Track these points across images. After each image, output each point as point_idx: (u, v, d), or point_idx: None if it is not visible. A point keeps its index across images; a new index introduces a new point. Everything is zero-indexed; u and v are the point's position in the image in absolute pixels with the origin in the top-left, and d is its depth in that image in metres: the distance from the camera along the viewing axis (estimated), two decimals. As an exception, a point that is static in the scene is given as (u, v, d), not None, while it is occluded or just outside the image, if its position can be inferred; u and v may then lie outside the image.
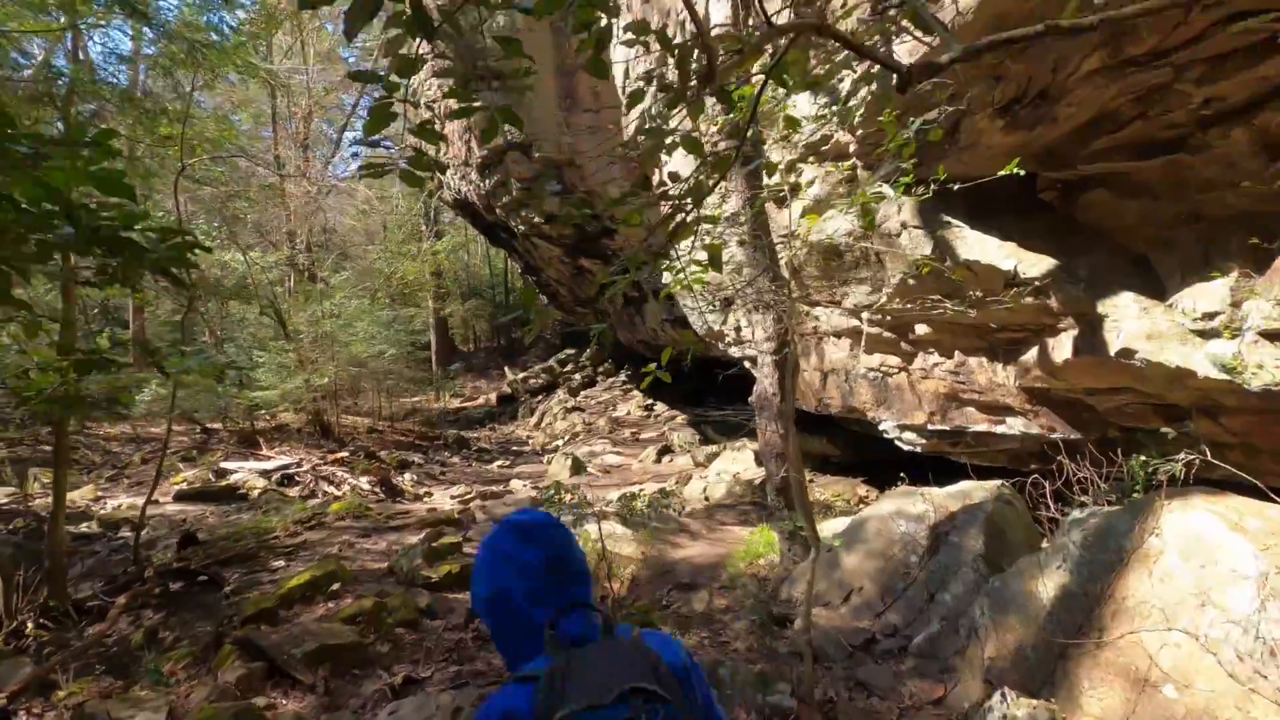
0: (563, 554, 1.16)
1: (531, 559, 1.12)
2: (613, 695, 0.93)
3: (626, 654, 1.03)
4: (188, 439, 17.76)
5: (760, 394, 4.52)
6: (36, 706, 3.73)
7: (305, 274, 16.36)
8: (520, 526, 1.17)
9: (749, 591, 4.51)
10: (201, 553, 7.80)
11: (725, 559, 5.38)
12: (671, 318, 11.29)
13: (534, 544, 1.14)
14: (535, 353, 29.66)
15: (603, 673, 0.98)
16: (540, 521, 1.19)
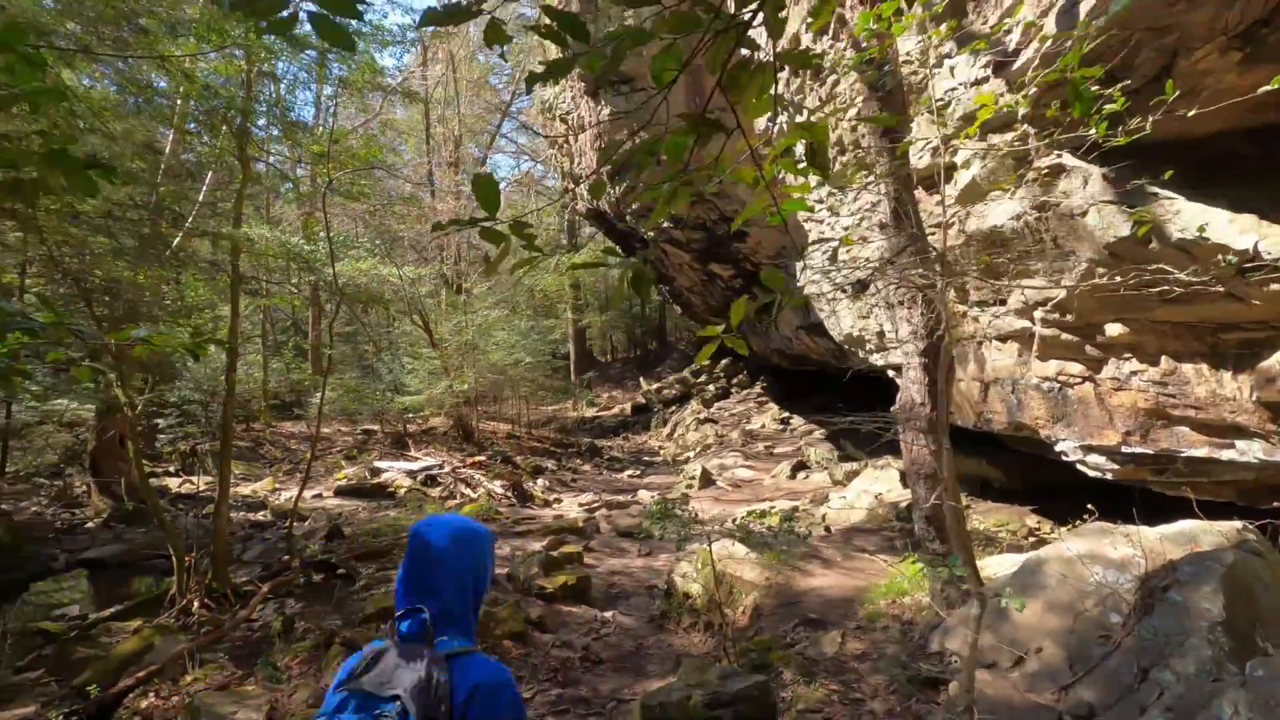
0: (420, 560, 1.32)
1: (405, 561, 1.34)
2: (385, 692, 1.13)
3: (420, 666, 1.17)
4: (351, 439, 19.43)
5: (906, 402, 3.83)
6: (164, 689, 3.92)
7: (452, 286, 17.34)
8: (414, 530, 1.36)
9: (890, 637, 3.81)
10: (344, 546, 8.25)
11: (862, 593, 4.67)
12: (807, 324, 10.54)
13: (408, 549, 1.35)
14: (670, 364, 29.61)
15: (395, 671, 1.16)
16: (415, 529, 1.36)
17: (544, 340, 20.73)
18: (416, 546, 1.34)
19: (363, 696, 1.14)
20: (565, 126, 13.84)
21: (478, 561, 1.37)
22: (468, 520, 1.41)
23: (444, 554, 1.32)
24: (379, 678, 1.16)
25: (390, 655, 1.20)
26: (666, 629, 5.33)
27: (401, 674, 1.15)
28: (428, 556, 1.32)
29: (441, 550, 1.32)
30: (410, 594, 1.30)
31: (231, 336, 7.15)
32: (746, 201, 9.85)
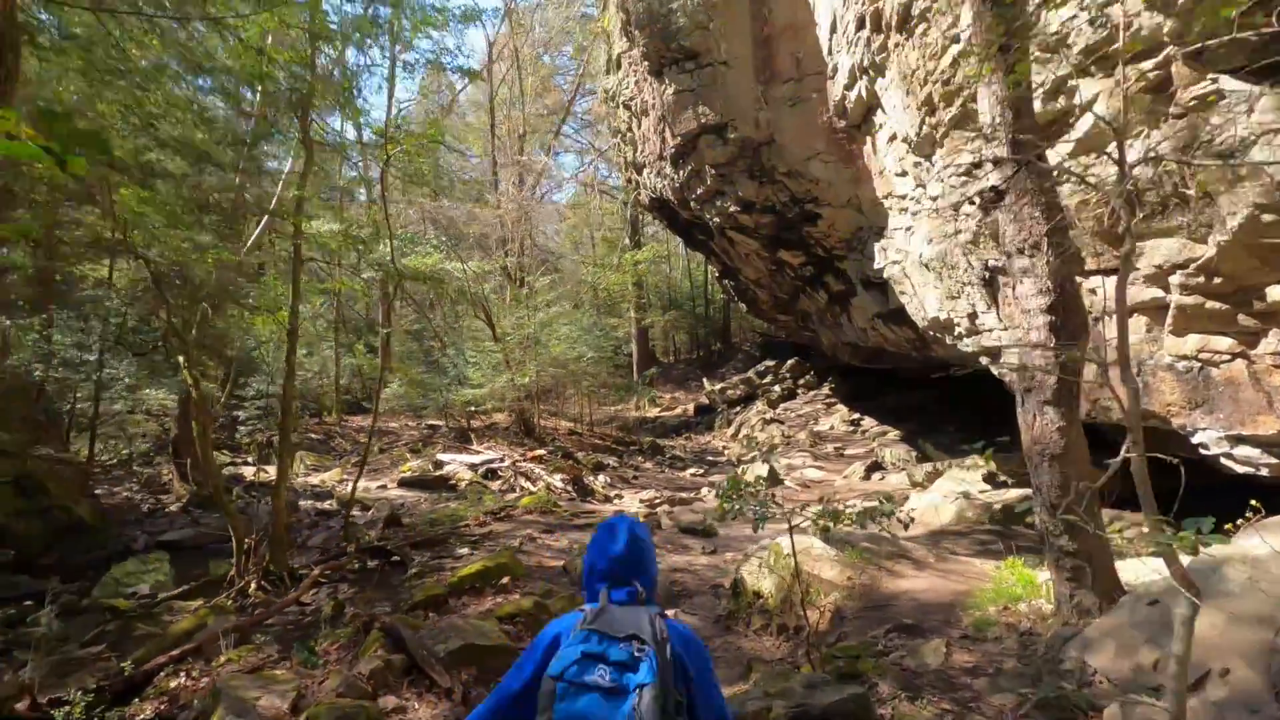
0: (619, 549, 1.65)
1: (609, 547, 1.66)
2: (621, 634, 1.42)
3: (642, 616, 1.48)
4: (416, 433, 19.70)
5: (1028, 369, 3.21)
6: (196, 669, 3.71)
7: (515, 280, 17.30)
8: (612, 524, 1.72)
9: (1006, 649, 3.20)
10: (400, 534, 8.11)
11: (964, 598, 4.04)
12: (886, 311, 9.78)
13: (614, 538, 1.67)
14: (734, 365, 29.01)
15: (622, 620, 1.46)
16: (626, 524, 1.71)
17: (606, 337, 20.47)
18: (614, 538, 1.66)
19: (599, 635, 1.40)
20: (629, 113, 13.49)
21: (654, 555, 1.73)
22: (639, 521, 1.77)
23: (644, 543, 1.67)
24: (611, 624, 1.43)
25: (612, 611, 1.47)
26: (734, 630, 4.82)
27: (630, 620, 1.44)
28: (642, 548, 1.65)
29: (643, 540, 1.66)
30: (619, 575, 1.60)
31: (291, 317, 7.09)
32: (820, 180, 9.22)
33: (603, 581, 1.60)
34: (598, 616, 1.45)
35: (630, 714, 1.30)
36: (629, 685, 1.33)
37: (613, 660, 1.37)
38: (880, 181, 8.35)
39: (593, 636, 1.40)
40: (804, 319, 16.89)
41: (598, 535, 1.69)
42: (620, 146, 15.32)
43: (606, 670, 1.36)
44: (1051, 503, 3.14)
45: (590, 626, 1.42)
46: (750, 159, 9.77)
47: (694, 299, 34.84)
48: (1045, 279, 3.07)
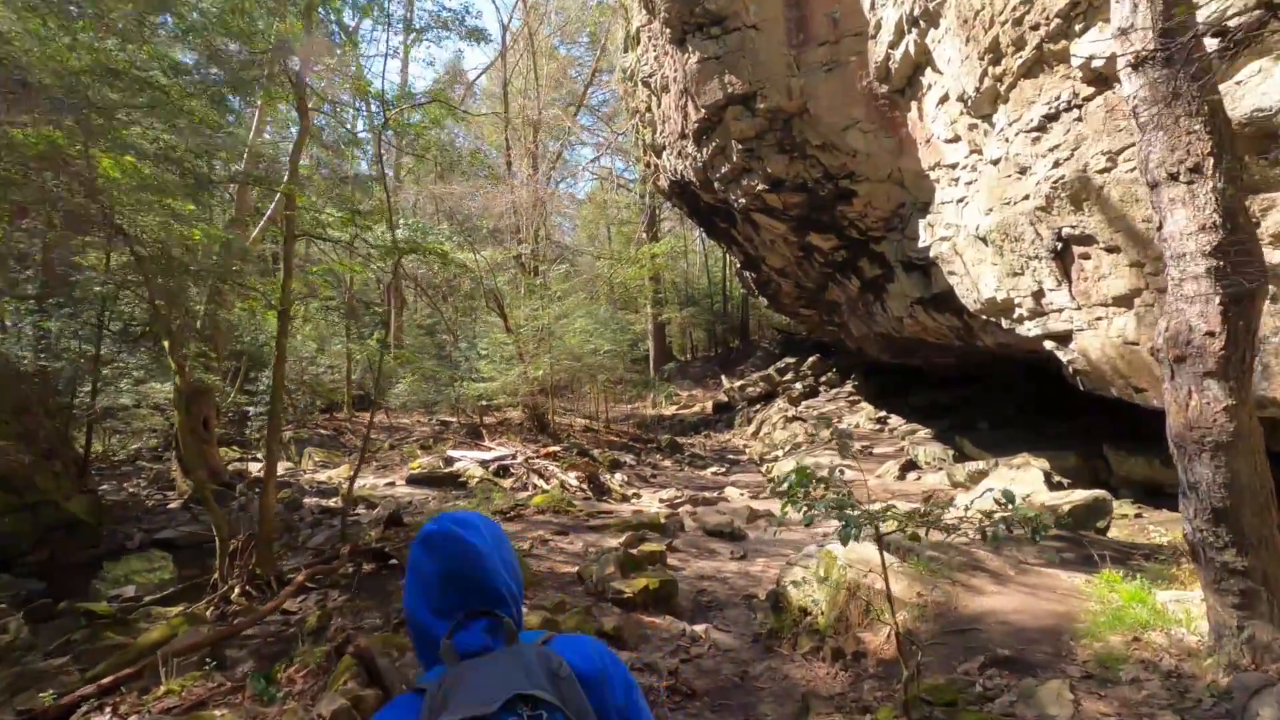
0: (460, 565, 1.07)
1: (429, 571, 1.08)
2: (496, 705, 0.90)
3: (521, 662, 0.99)
4: (427, 429, 19.19)
5: (1178, 333, 2.47)
6: (127, 702, 3.08)
7: (529, 271, 16.68)
8: (426, 536, 1.10)
9: (1155, 696, 2.46)
10: (402, 534, 7.49)
11: (1068, 623, 3.30)
12: (928, 296, 8.99)
13: (434, 555, 1.08)
14: (753, 362, 28.32)
15: (490, 682, 0.95)
16: (445, 530, 1.09)
17: (623, 331, 19.80)
18: (458, 546, 1.07)
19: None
20: (648, 91, 12.79)
21: (514, 559, 1.16)
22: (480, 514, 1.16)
23: (491, 545, 1.11)
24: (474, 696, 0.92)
25: (468, 675, 0.96)
26: (777, 652, 4.11)
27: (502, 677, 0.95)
28: (471, 553, 1.07)
29: (488, 541, 1.10)
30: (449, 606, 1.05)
31: (283, 296, 6.49)
32: (858, 152, 8.45)
33: (440, 626, 1.05)
34: (448, 693, 0.93)
35: None
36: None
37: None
38: (927, 151, 7.58)
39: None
40: (830, 311, 16.10)
41: (411, 557, 1.10)
42: (638, 128, 14.62)
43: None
44: (1213, 506, 2.41)
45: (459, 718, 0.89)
46: (780, 131, 9.03)
47: (712, 295, 34.16)
48: (1210, 210, 2.34)
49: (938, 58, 6.58)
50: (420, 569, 1.09)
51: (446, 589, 1.06)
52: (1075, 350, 6.05)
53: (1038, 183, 5.47)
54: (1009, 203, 6.00)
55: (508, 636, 1.05)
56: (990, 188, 6.28)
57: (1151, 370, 5.27)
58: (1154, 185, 2.55)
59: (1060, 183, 5.18)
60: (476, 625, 1.06)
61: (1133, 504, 8.31)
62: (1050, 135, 5.27)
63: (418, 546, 1.09)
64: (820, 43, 8.25)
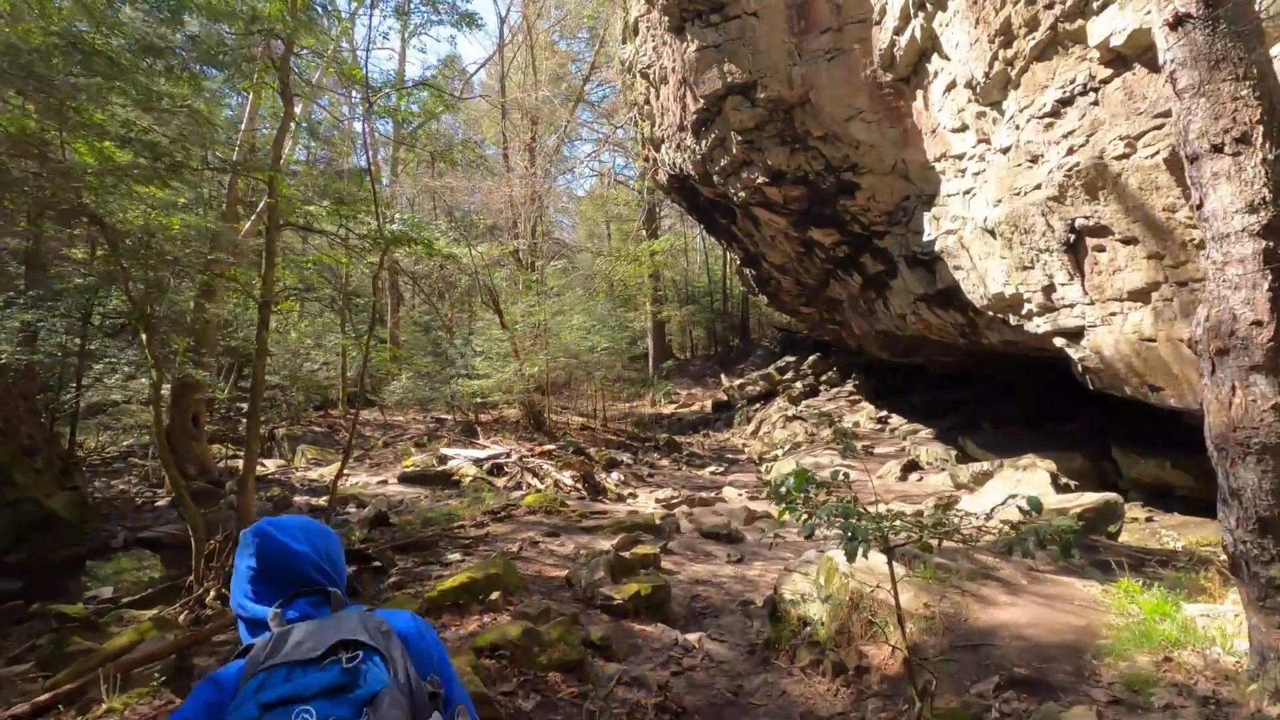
0: (279, 558, 1.18)
1: (243, 566, 1.19)
2: (319, 651, 0.99)
3: (344, 623, 1.07)
4: (423, 427, 18.96)
5: (1220, 322, 2.23)
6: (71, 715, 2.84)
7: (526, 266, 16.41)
8: (242, 538, 1.21)
9: (1191, 726, 2.22)
10: (388, 535, 7.26)
11: (1089, 638, 3.05)
12: (932, 292, 8.74)
13: (247, 554, 1.19)
14: (753, 361, 28.12)
15: (316, 634, 1.03)
16: (262, 530, 1.20)
17: (622, 328, 19.55)
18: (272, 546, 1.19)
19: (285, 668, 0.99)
20: (646, 83, 12.54)
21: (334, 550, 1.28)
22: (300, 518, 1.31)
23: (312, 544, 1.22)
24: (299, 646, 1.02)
25: (293, 632, 1.05)
26: (774, 665, 3.87)
27: (327, 630, 1.04)
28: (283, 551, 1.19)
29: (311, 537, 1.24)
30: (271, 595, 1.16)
31: (265, 288, 6.24)
32: (861, 143, 8.20)
33: (260, 610, 1.15)
34: (272, 649, 1.03)
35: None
36: (350, 711, 0.94)
37: (313, 691, 0.96)
38: (932, 141, 7.33)
39: (271, 677, 0.97)
40: (831, 309, 15.86)
41: (241, 552, 1.21)
42: (637, 121, 14.36)
43: (310, 710, 0.93)
44: (1259, 515, 2.16)
45: (265, 666, 0.99)
46: (781, 122, 8.78)
47: (712, 293, 33.92)
48: (1258, 185, 2.10)
49: (945, 42, 6.33)
50: (239, 568, 1.20)
51: (263, 580, 1.17)
52: (1087, 347, 5.81)
53: (1050, 171, 5.22)
54: (1019, 193, 5.75)
55: (334, 605, 1.16)
56: (999, 178, 6.03)
57: (1169, 368, 5.02)
58: (1193, 159, 2.30)
59: (1074, 170, 4.93)
60: (302, 601, 1.15)
61: (1143, 507, 8.06)
62: (1064, 121, 5.02)
63: (256, 534, 1.19)
64: (822, 30, 7.99)
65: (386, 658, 1.03)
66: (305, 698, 0.94)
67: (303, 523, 1.27)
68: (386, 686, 0.98)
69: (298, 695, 0.95)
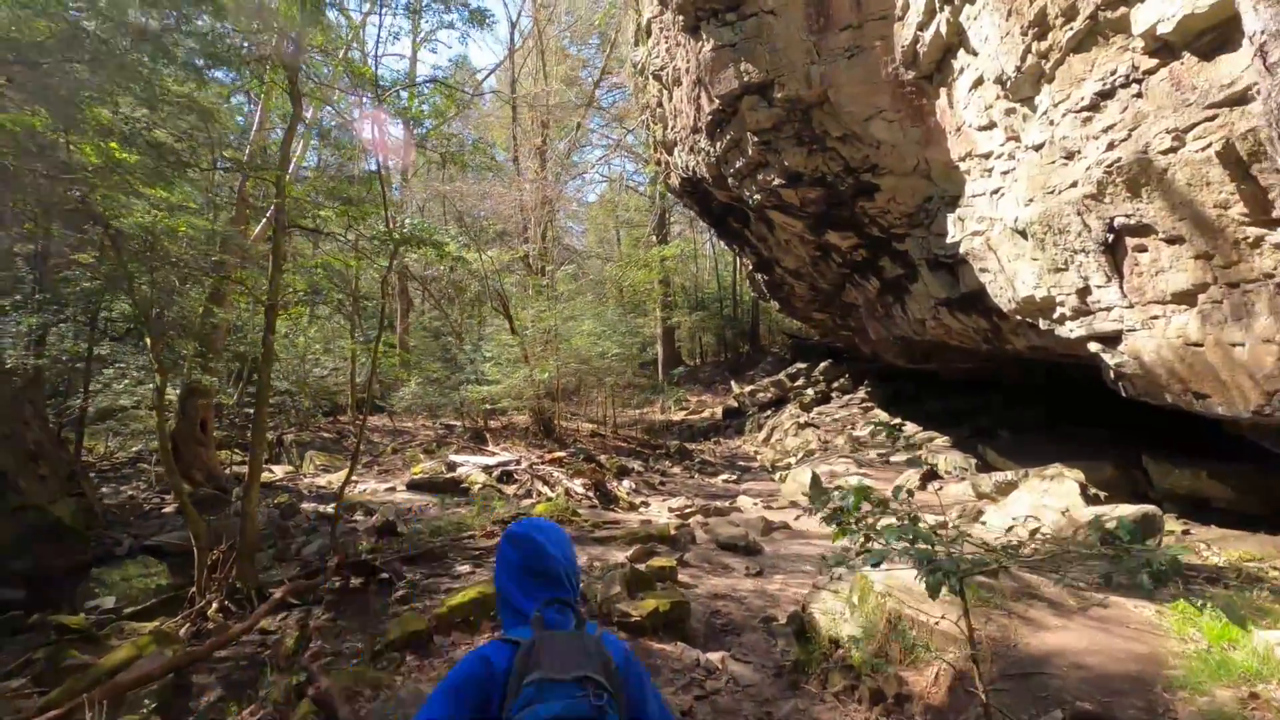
0: (539, 558, 1.44)
1: (513, 559, 1.46)
2: (570, 675, 1.20)
3: (587, 647, 1.28)
4: (432, 433, 18.81)
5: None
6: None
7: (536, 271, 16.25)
8: (510, 534, 1.50)
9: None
10: (395, 545, 7.06)
11: (1155, 668, 2.80)
12: (955, 296, 8.48)
13: (516, 549, 1.47)
14: (763, 368, 27.90)
15: (566, 656, 1.24)
16: (524, 532, 1.48)
17: (632, 334, 19.36)
18: (534, 545, 1.45)
19: (552, 684, 1.19)
20: (659, 85, 12.37)
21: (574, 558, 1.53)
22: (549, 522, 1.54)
23: (560, 550, 1.48)
24: (556, 663, 1.22)
25: (551, 644, 1.27)
26: (805, 689, 3.62)
27: (576, 654, 1.24)
28: (546, 552, 1.44)
29: (559, 546, 1.48)
30: (536, 588, 1.41)
31: (271, 290, 6.08)
32: (882, 143, 7.97)
33: (525, 598, 1.40)
34: (538, 655, 1.23)
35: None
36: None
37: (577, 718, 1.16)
38: (957, 140, 7.10)
39: (546, 689, 1.18)
40: (845, 315, 15.61)
41: (509, 544, 1.47)
42: (649, 124, 14.20)
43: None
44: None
45: (536, 677, 1.19)
46: (799, 122, 8.57)
47: (721, 300, 33.75)
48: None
49: (972, 37, 6.11)
50: (508, 558, 1.44)
51: (524, 575, 1.41)
52: (1125, 353, 5.54)
53: (1088, 168, 4.98)
54: (1053, 191, 5.51)
55: (578, 620, 1.38)
56: (1031, 176, 5.79)
57: (1217, 373, 4.76)
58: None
59: (1115, 166, 4.69)
60: (553, 609, 1.38)
61: (1178, 519, 7.76)
62: (1104, 114, 4.78)
63: (505, 542, 1.45)
64: (842, 27, 7.79)
65: (617, 703, 1.20)
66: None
67: (556, 529, 1.50)
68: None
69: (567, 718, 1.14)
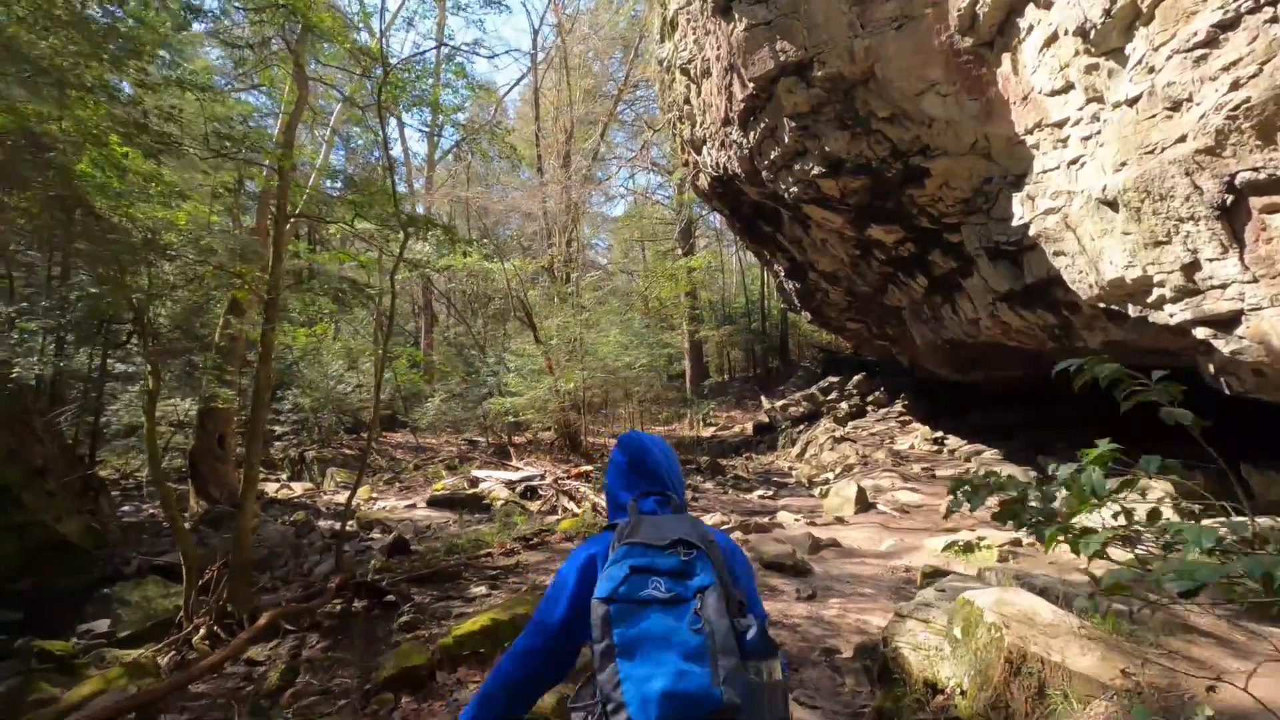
0: (641, 458, 1.62)
1: (620, 460, 1.66)
2: (665, 541, 1.32)
3: (683, 522, 1.40)
4: (455, 449, 18.33)
5: None
6: None
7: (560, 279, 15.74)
8: (620, 439, 1.70)
9: None
10: (407, 564, 6.43)
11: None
12: (1020, 288, 7.68)
13: (623, 451, 1.66)
14: (793, 382, 27.08)
15: (661, 528, 1.37)
16: (631, 437, 1.69)
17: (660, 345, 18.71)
18: (638, 447, 1.65)
19: (642, 547, 1.32)
20: (687, 80, 11.84)
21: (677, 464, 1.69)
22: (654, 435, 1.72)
23: (662, 453, 1.66)
24: (651, 533, 1.35)
25: (648, 521, 1.41)
26: (893, 746, 2.87)
27: (671, 527, 1.37)
28: (649, 453, 1.63)
29: (660, 451, 1.66)
30: (635, 484, 1.59)
31: (272, 284, 5.56)
32: (935, 121, 7.27)
33: (625, 492, 1.58)
34: (633, 529, 1.38)
35: (695, 620, 1.23)
36: (687, 592, 1.26)
37: (663, 570, 1.29)
38: (1023, 110, 6.37)
39: (635, 550, 1.32)
40: (883, 323, 14.79)
41: (618, 448, 1.67)
42: (675, 123, 13.66)
43: (660, 581, 1.27)
44: None
45: (629, 540, 1.34)
46: (841, 103, 7.91)
47: (749, 314, 33.05)
48: None
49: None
50: (616, 460, 1.67)
51: (629, 472, 1.61)
52: (1245, 337, 4.73)
53: (1202, 116, 4.22)
54: (1152, 150, 4.75)
55: (674, 508, 1.55)
56: (1123, 136, 5.03)
57: (1378, 355, 3.93)
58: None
59: (1243, 109, 3.94)
60: (652, 498, 1.55)
61: (1288, 536, 6.80)
62: (1225, 50, 4.04)
63: (616, 449, 1.68)
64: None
65: (712, 560, 1.30)
66: (659, 572, 1.28)
67: (659, 440, 1.69)
68: (713, 583, 1.26)
69: (653, 568, 1.28)
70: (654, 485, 1.53)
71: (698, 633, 1.19)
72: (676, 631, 1.19)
